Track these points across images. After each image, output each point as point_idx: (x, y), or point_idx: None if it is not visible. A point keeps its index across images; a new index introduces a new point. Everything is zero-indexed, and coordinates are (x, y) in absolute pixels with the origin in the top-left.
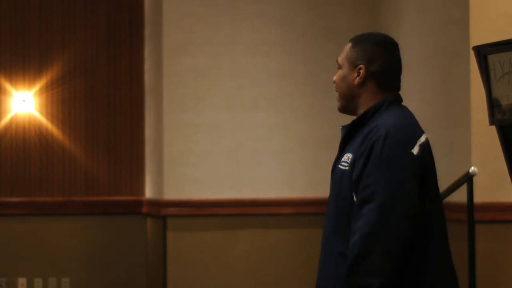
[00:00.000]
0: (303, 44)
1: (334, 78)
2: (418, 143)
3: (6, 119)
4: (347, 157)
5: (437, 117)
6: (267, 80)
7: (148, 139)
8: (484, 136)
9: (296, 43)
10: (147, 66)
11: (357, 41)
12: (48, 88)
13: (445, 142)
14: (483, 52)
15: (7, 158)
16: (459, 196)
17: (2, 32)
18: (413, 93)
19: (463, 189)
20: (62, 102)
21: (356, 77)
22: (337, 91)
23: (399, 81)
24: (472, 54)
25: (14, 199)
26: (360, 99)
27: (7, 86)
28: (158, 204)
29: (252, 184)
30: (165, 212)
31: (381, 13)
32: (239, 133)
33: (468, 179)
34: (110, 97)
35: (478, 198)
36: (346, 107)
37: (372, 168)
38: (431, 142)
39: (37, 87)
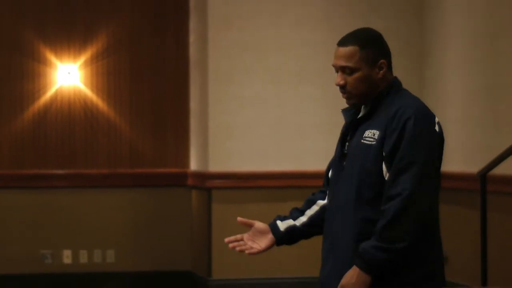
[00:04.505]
0: (348, 19)
1: (345, 81)
2: (436, 121)
3: (52, 91)
4: (372, 133)
5: (483, 89)
6: (312, 54)
7: (193, 111)
8: None
9: (342, 17)
10: (192, 39)
11: (363, 43)
12: (93, 61)
13: (491, 114)
14: None
15: (52, 131)
16: (505, 168)
17: (48, 5)
18: (459, 66)
19: (509, 161)
20: (107, 74)
21: (380, 72)
22: (350, 92)
23: None
24: None
25: (60, 171)
26: (379, 87)
27: (52, 58)
28: (203, 176)
29: (296, 157)
30: (210, 184)
31: None
32: (284, 106)
33: None
34: (155, 70)
35: None
36: (363, 101)
37: (406, 143)
38: (477, 114)
39: (82, 59)
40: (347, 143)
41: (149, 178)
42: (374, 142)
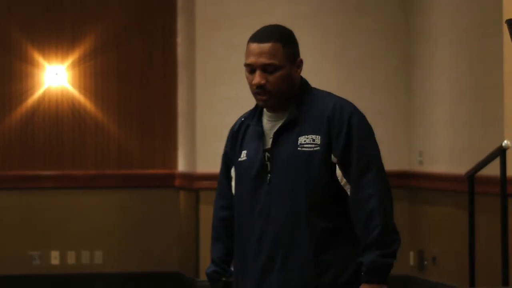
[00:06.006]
0: (335, 18)
1: (266, 80)
2: None
3: (39, 92)
4: (310, 138)
5: (470, 90)
6: (301, 53)
7: (181, 112)
8: None
9: (329, 17)
10: (180, 39)
11: (285, 40)
12: (81, 62)
13: (478, 115)
14: None
15: (40, 132)
16: (492, 169)
17: (36, 6)
18: (447, 66)
19: (496, 162)
20: (95, 75)
21: (298, 70)
22: (270, 92)
23: None
24: (505, 27)
25: (47, 172)
26: (295, 86)
27: (40, 59)
28: (191, 177)
29: None
30: (198, 185)
31: None
32: None
33: (501, 152)
34: (143, 71)
35: (511, 172)
36: (280, 102)
37: (359, 141)
38: (465, 115)
39: (70, 60)
40: (266, 154)
41: (137, 179)
42: (318, 148)
